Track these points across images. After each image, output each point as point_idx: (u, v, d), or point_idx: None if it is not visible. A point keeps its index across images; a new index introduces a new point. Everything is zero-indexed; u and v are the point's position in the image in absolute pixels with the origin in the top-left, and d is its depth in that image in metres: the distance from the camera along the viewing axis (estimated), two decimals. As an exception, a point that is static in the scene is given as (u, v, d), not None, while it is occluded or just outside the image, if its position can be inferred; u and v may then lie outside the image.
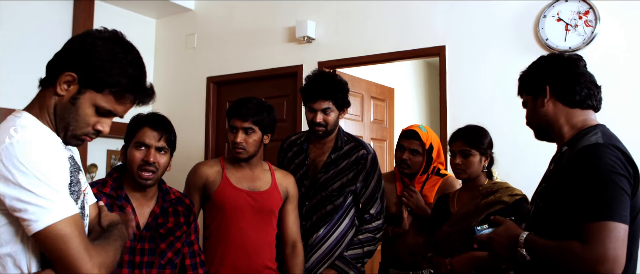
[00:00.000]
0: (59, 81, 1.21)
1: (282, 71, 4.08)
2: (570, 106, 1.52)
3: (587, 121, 1.51)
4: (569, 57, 1.56)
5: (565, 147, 1.49)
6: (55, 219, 1.11)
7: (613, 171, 1.30)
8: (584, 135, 1.45)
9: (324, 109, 2.27)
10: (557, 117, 1.53)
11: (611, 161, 1.31)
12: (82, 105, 1.23)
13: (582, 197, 1.31)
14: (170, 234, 1.90)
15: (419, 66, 6.05)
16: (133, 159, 1.86)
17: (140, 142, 1.87)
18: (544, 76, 1.55)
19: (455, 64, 3.38)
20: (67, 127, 1.24)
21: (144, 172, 1.84)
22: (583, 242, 1.27)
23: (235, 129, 2.14)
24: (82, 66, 1.20)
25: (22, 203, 1.09)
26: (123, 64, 1.23)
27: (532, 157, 3.00)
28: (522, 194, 2.04)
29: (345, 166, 2.34)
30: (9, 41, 3.53)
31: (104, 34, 1.25)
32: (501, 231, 1.51)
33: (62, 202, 1.14)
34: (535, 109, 1.57)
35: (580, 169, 1.34)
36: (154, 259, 1.84)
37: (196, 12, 4.64)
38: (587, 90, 1.51)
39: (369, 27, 3.74)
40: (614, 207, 1.27)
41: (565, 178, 1.38)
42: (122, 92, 1.24)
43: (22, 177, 1.09)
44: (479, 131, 2.15)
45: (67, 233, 1.13)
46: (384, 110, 4.67)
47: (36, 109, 1.24)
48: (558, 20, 3.05)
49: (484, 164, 2.11)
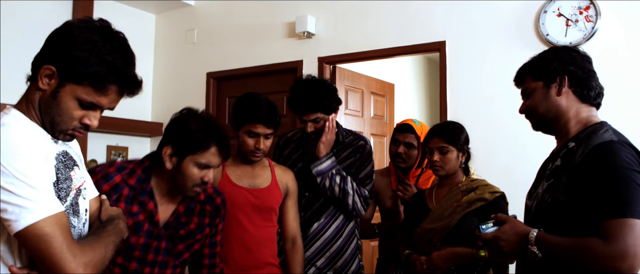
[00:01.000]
0: (39, 74, 1.19)
1: (282, 67, 4.07)
2: (582, 101, 1.51)
3: (591, 118, 1.50)
4: (584, 54, 1.56)
5: (573, 144, 1.47)
6: (36, 218, 1.09)
7: (630, 168, 1.30)
8: (594, 131, 1.44)
9: (314, 120, 2.27)
10: (568, 109, 1.51)
11: (627, 158, 1.32)
12: (64, 99, 1.19)
13: (600, 194, 1.31)
14: (190, 237, 1.79)
15: (419, 62, 6.04)
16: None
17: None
18: (563, 65, 1.51)
19: (456, 59, 3.38)
20: (53, 122, 1.22)
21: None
22: (604, 239, 1.27)
23: (256, 134, 2.07)
24: (60, 58, 1.17)
25: (2, 203, 1.08)
26: (102, 53, 1.18)
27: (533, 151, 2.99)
28: (501, 192, 2.07)
29: (345, 156, 2.36)
30: (9, 39, 3.53)
31: (84, 23, 1.20)
32: (507, 229, 1.50)
33: (43, 201, 1.12)
34: (548, 97, 1.52)
35: (598, 166, 1.34)
36: (169, 259, 1.74)
37: (196, 7, 4.63)
38: (598, 89, 1.52)
39: (369, 22, 3.73)
40: (633, 204, 1.27)
41: (580, 176, 1.37)
42: (102, 82, 1.19)
43: (2, 177, 1.07)
44: (455, 127, 2.15)
45: (47, 232, 1.10)
46: (384, 106, 4.67)
47: (23, 105, 1.23)
48: (558, 16, 3.04)
49: (462, 160, 2.12)
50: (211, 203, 1.86)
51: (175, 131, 1.70)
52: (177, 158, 1.67)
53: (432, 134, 2.14)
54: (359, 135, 2.46)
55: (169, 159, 1.68)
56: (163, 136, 1.74)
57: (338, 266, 2.33)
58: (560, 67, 1.51)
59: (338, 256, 2.34)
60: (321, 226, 2.32)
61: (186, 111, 1.75)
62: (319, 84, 2.32)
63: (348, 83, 4.14)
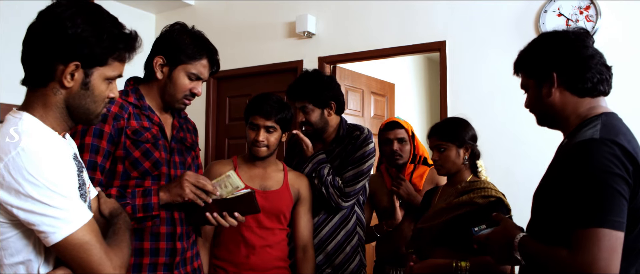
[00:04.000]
0: (62, 75, 1.16)
1: (283, 66, 4.07)
2: (579, 95, 1.36)
3: (593, 110, 1.35)
4: (576, 36, 1.38)
5: (566, 140, 1.38)
6: (73, 228, 1.09)
7: (607, 171, 1.17)
8: (583, 127, 1.31)
9: (301, 108, 2.29)
10: (565, 107, 1.37)
11: (606, 159, 1.17)
12: (96, 84, 1.21)
13: (572, 200, 1.19)
14: (192, 149, 1.88)
15: (419, 61, 6.04)
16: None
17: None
18: (550, 61, 1.37)
19: (456, 59, 3.38)
20: (88, 111, 1.23)
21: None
22: (570, 250, 1.17)
23: (256, 126, 2.09)
24: (79, 51, 1.16)
25: (36, 216, 1.07)
26: (109, 29, 1.20)
27: (533, 151, 3.00)
28: (498, 196, 1.90)
29: (340, 149, 2.35)
30: (9, 39, 3.53)
31: (69, 8, 1.18)
32: (498, 231, 1.41)
33: (76, 209, 1.12)
34: (540, 98, 1.40)
35: (572, 168, 1.22)
36: None
37: (196, 7, 4.63)
38: (598, 75, 1.34)
39: (369, 22, 3.73)
40: (606, 212, 1.15)
41: (557, 177, 1.27)
42: (122, 53, 1.24)
43: (33, 189, 1.06)
44: (453, 123, 2.07)
45: (87, 241, 1.11)
46: (384, 105, 4.67)
47: (39, 110, 1.19)
48: (559, 15, 3.04)
49: (464, 157, 2.01)
50: (188, 123, 1.95)
51: (167, 42, 1.74)
52: (168, 68, 1.72)
53: (430, 133, 2.09)
54: (358, 126, 2.43)
55: (160, 69, 1.72)
56: (152, 48, 1.76)
57: (336, 263, 2.32)
58: (549, 62, 1.37)
59: (336, 254, 2.33)
60: (318, 223, 2.31)
61: (178, 24, 1.78)
62: (314, 74, 2.34)
63: (348, 83, 4.15)
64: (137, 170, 1.67)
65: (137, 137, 1.67)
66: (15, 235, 1.11)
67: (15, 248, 1.12)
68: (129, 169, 1.67)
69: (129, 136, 1.66)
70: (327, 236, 2.32)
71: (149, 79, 1.77)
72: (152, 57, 1.75)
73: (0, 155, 1.07)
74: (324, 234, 2.31)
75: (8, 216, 1.09)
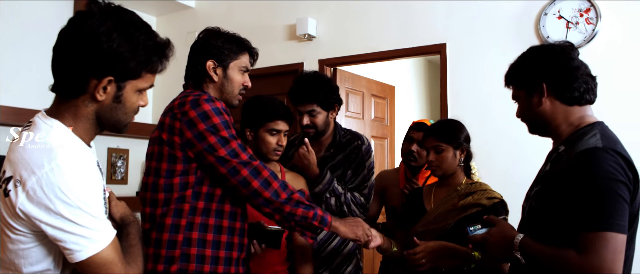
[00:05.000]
0: (95, 89, 1.16)
1: (283, 69, 4.07)
2: (568, 104, 1.44)
3: (584, 118, 1.44)
4: (562, 49, 1.48)
5: (562, 147, 1.43)
6: (99, 248, 1.11)
7: (612, 178, 1.25)
8: (582, 135, 1.38)
9: (309, 111, 2.27)
10: (555, 116, 1.46)
11: (610, 167, 1.26)
12: (128, 97, 1.22)
13: (580, 205, 1.27)
14: None
15: (419, 64, 6.04)
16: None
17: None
18: (539, 72, 1.46)
19: (456, 61, 3.38)
20: (118, 122, 1.24)
21: None
22: (580, 252, 1.24)
23: (278, 132, 2.12)
24: (113, 66, 1.15)
25: (64, 233, 1.08)
26: (143, 42, 1.19)
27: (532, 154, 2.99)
28: (500, 198, 1.98)
29: (341, 159, 2.34)
30: (10, 39, 3.54)
31: (105, 22, 1.15)
32: (496, 232, 1.47)
33: (103, 229, 1.13)
34: (531, 107, 1.49)
35: (579, 175, 1.29)
36: None
37: (196, 9, 4.64)
38: (585, 85, 1.43)
39: (369, 25, 3.74)
40: (613, 217, 1.23)
41: (562, 183, 1.33)
42: (156, 65, 1.24)
43: (64, 207, 1.07)
44: (450, 125, 2.07)
45: (110, 260, 1.13)
46: (385, 108, 4.67)
47: (69, 120, 1.19)
48: (559, 18, 3.04)
49: (460, 159, 2.02)
50: None
51: (211, 46, 1.82)
52: (221, 68, 1.81)
53: (426, 134, 2.09)
54: (357, 134, 2.44)
55: (214, 72, 1.80)
56: (197, 53, 1.84)
57: (333, 266, 2.33)
58: (538, 74, 1.45)
59: (333, 257, 2.33)
60: None
61: (210, 29, 1.90)
62: (319, 77, 2.35)
63: (349, 85, 4.15)
64: None
65: (238, 136, 1.71)
66: (37, 246, 1.13)
67: (35, 258, 1.13)
68: None
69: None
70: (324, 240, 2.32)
71: (200, 84, 1.81)
72: (197, 65, 1.79)
73: (33, 167, 1.08)
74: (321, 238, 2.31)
75: (33, 228, 1.10)
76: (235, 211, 1.72)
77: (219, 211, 1.67)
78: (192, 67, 1.82)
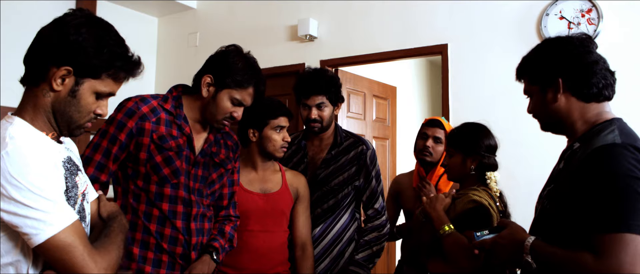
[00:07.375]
0: (52, 77, 1.19)
1: (285, 70, 4.08)
2: (585, 101, 1.35)
3: (601, 115, 1.36)
4: (580, 42, 1.38)
5: (577, 144, 1.34)
6: (55, 230, 1.11)
7: (631, 176, 1.16)
8: (599, 132, 1.30)
9: (318, 104, 2.28)
10: (571, 112, 1.37)
11: (630, 164, 1.17)
12: (84, 95, 1.22)
13: (596, 204, 1.18)
14: (222, 165, 1.90)
15: (421, 65, 6.04)
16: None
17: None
18: (555, 67, 1.36)
19: (458, 62, 3.38)
20: (70, 120, 1.24)
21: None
22: (596, 255, 1.16)
23: (282, 128, 2.15)
24: (74, 57, 1.18)
25: (19, 218, 1.09)
26: (111, 45, 1.22)
27: (536, 154, 3.00)
28: (479, 202, 1.79)
29: (345, 161, 2.34)
30: (10, 40, 3.54)
31: (78, 18, 1.22)
32: (506, 235, 1.39)
33: (59, 212, 1.13)
34: (544, 103, 1.40)
35: (595, 173, 1.21)
36: (203, 188, 1.83)
37: (198, 10, 4.64)
38: (604, 81, 1.34)
39: (371, 25, 3.74)
40: (632, 217, 1.14)
41: (577, 181, 1.25)
42: (118, 72, 1.25)
43: (16, 191, 1.08)
44: (466, 130, 2.00)
45: (69, 243, 1.12)
46: (387, 108, 4.67)
47: (29, 112, 1.22)
48: (560, 18, 3.04)
49: (471, 167, 1.93)
50: (230, 139, 1.98)
51: (220, 63, 1.78)
52: (214, 89, 1.76)
53: (447, 136, 2.11)
54: (360, 137, 2.44)
55: (206, 88, 1.76)
56: (205, 64, 1.82)
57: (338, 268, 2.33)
58: (554, 68, 1.37)
59: (339, 259, 2.34)
60: (322, 230, 2.31)
61: (234, 47, 1.84)
62: (327, 71, 2.37)
63: (350, 86, 4.15)
64: (157, 175, 1.72)
65: (162, 144, 1.72)
66: (3, 237, 1.13)
67: (4, 249, 1.14)
68: (150, 173, 1.72)
69: (154, 141, 1.71)
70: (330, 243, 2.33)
71: (195, 91, 1.81)
72: (203, 74, 1.79)
73: None
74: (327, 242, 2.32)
75: None
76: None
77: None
78: (197, 73, 1.83)
